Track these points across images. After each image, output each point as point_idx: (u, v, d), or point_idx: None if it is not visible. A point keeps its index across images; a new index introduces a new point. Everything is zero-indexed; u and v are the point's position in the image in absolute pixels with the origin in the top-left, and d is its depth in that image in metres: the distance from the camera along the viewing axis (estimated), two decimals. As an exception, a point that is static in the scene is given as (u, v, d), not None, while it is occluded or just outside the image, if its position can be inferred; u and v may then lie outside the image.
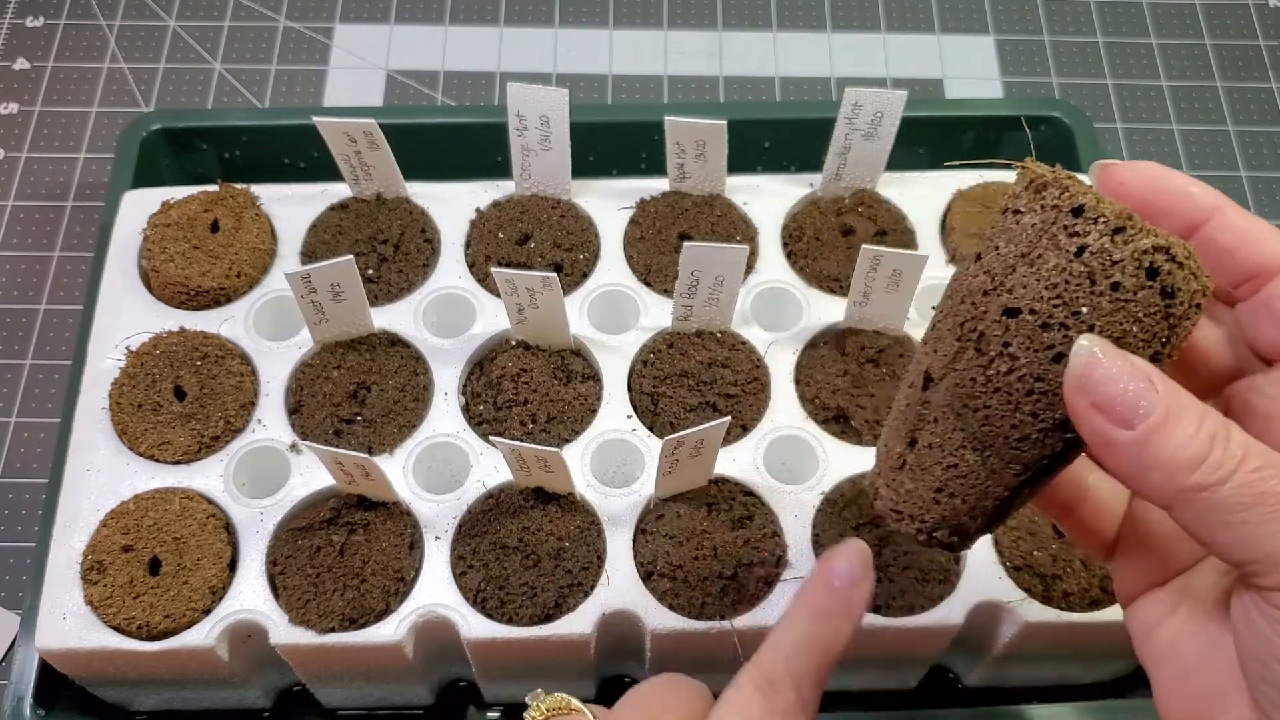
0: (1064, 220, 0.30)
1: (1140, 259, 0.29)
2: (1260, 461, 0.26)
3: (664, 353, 0.57)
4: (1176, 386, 0.28)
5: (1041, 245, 0.30)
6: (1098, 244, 0.29)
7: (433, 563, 0.52)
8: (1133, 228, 0.29)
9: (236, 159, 0.69)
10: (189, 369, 0.56)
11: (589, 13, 0.81)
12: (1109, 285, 0.29)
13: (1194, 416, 0.27)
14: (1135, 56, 0.80)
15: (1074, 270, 0.29)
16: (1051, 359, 0.30)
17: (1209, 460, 0.27)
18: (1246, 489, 0.26)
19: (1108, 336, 0.29)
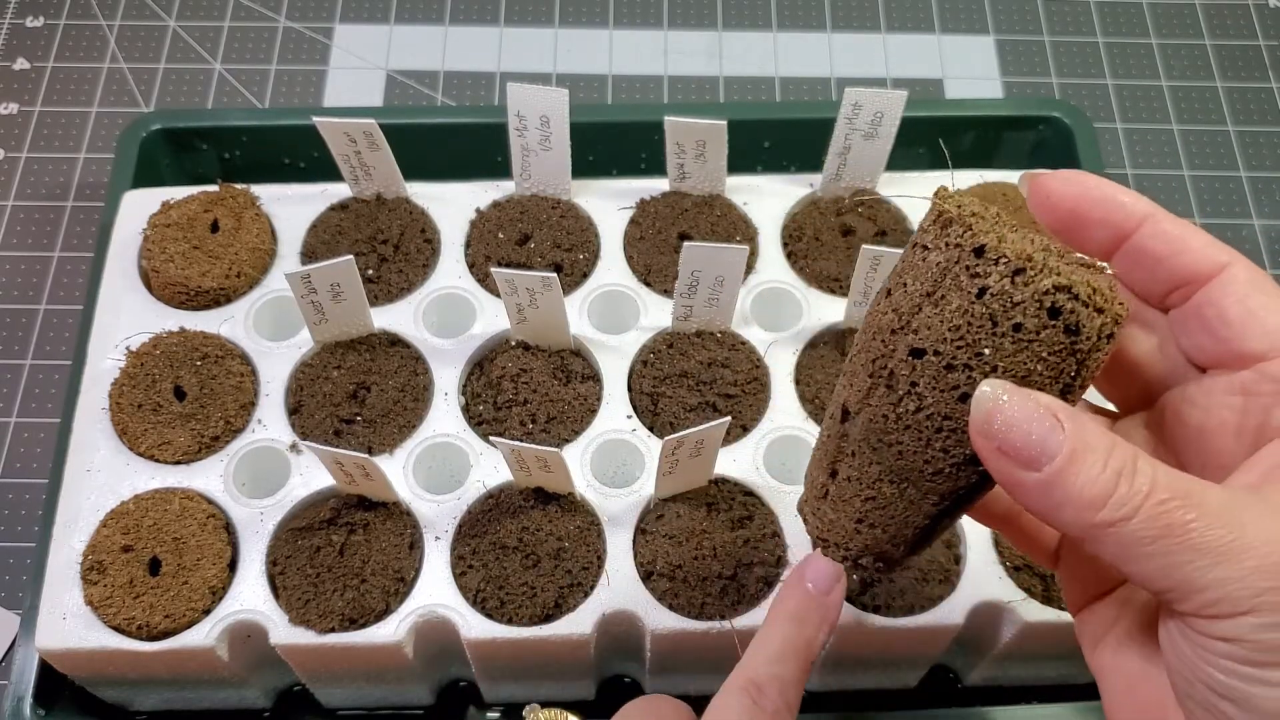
0: (966, 260, 0.30)
1: (1041, 300, 0.28)
2: (1167, 493, 0.27)
3: (664, 353, 0.57)
4: (1085, 421, 0.28)
5: (945, 285, 0.30)
6: (998, 286, 0.29)
7: (433, 563, 0.52)
8: (1032, 269, 0.28)
9: (236, 159, 0.69)
10: (189, 369, 0.56)
11: (589, 13, 0.81)
12: (1011, 327, 0.29)
13: (1100, 454, 0.27)
14: (1135, 56, 0.80)
15: (976, 312, 0.29)
16: (957, 399, 0.30)
17: (1115, 497, 0.27)
18: (1152, 522, 0.26)
19: (1012, 376, 0.29)
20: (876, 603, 0.51)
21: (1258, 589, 0.26)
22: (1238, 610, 0.26)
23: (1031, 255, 0.29)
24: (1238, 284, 0.31)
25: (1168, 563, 0.26)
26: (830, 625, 0.39)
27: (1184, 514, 0.26)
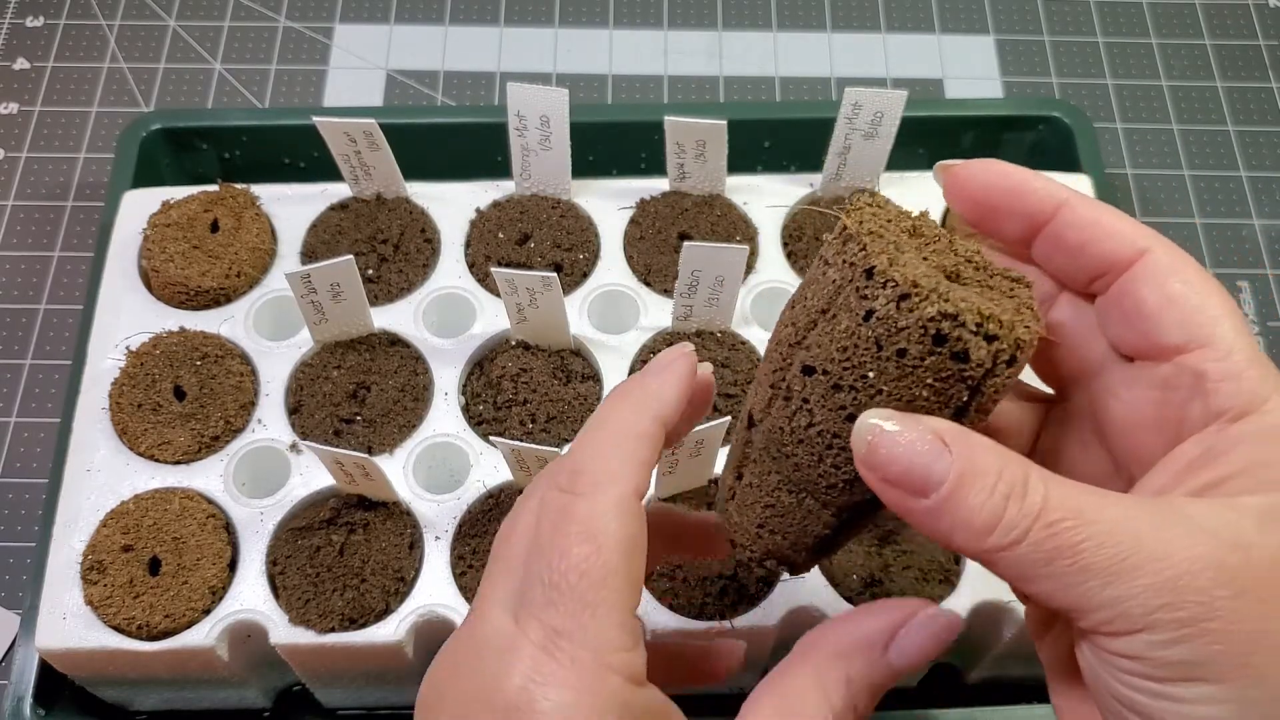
0: (858, 281, 0.29)
1: (925, 326, 0.28)
2: (1058, 513, 0.26)
3: (664, 353, 0.57)
4: (974, 443, 0.27)
5: (837, 304, 0.30)
6: (884, 310, 0.28)
7: (433, 563, 0.52)
8: (918, 295, 0.28)
9: (236, 159, 0.69)
10: (189, 369, 0.56)
11: (589, 13, 0.81)
12: (895, 352, 0.28)
13: (989, 478, 0.27)
14: (1135, 56, 0.80)
15: (863, 335, 0.29)
16: (844, 419, 0.30)
17: (1003, 521, 0.26)
18: (1042, 545, 0.26)
19: (897, 401, 0.29)
20: (876, 603, 0.51)
21: (1150, 606, 0.25)
22: (1134, 628, 0.26)
23: (918, 281, 0.28)
24: (1156, 270, 0.30)
25: (1062, 584, 0.26)
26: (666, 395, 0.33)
27: (1074, 534, 0.26)
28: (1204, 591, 0.25)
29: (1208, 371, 0.28)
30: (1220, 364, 0.28)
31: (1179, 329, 0.29)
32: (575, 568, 0.29)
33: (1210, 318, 0.29)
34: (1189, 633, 0.25)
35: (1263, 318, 0.70)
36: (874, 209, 0.31)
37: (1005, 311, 0.28)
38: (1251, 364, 0.28)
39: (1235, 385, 0.28)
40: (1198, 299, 0.29)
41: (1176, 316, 0.29)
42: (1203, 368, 0.29)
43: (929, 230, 0.31)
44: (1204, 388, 0.28)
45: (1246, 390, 0.28)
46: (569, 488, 0.30)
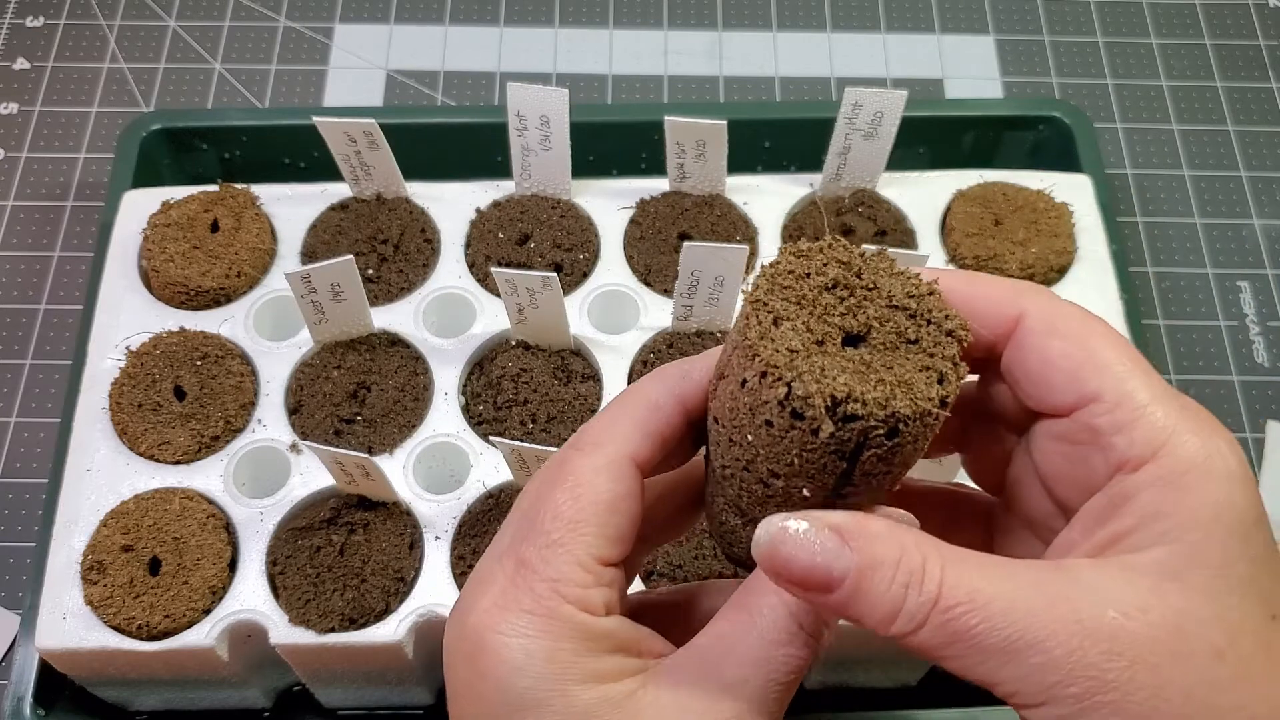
0: (740, 347, 0.29)
1: (781, 404, 0.28)
2: (953, 597, 0.27)
3: (664, 353, 0.57)
4: (872, 534, 0.28)
5: (732, 362, 0.30)
6: (752, 382, 0.29)
7: (433, 563, 0.52)
8: (774, 372, 0.28)
9: (236, 159, 0.69)
10: (189, 369, 0.56)
11: (589, 13, 0.81)
12: (764, 421, 0.29)
13: (887, 570, 0.27)
14: (1135, 56, 0.80)
15: (741, 400, 0.29)
16: (742, 468, 0.30)
17: (903, 612, 0.27)
18: (939, 631, 0.27)
19: (777, 465, 0.29)
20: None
21: (1046, 683, 0.26)
22: (1034, 702, 0.26)
23: (774, 361, 0.28)
24: (1033, 333, 0.30)
25: (967, 663, 0.27)
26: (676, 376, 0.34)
27: (969, 619, 0.26)
28: (1095, 666, 0.26)
29: (1099, 426, 0.28)
30: (1108, 417, 0.28)
31: (1066, 390, 0.29)
32: (550, 511, 0.31)
33: (1094, 370, 0.29)
34: (1085, 706, 0.26)
35: (1263, 318, 0.70)
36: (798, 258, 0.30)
37: (880, 385, 0.28)
38: (1142, 410, 0.28)
39: (1127, 436, 0.28)
40: (1080, 354, 0.29)
41: (1060, 377, 0.29)
42: (1094, 423, 0.28)
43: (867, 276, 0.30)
44: (1100, 442, 0.28)
45: (1140, 439, 0.28)
46: (574, 444, 0.32)
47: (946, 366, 0.29)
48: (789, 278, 0.30)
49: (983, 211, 0.61)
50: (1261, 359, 0.69)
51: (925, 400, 0.28)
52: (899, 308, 0.30)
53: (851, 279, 0.30)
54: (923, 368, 0.29)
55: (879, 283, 0.30)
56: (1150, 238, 0.73)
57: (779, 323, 0.29)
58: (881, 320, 0.30)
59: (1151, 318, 0.70)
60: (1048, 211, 0.61)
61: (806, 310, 0.29)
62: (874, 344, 0.29)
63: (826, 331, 0.29)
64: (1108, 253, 0.61)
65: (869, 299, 0.30)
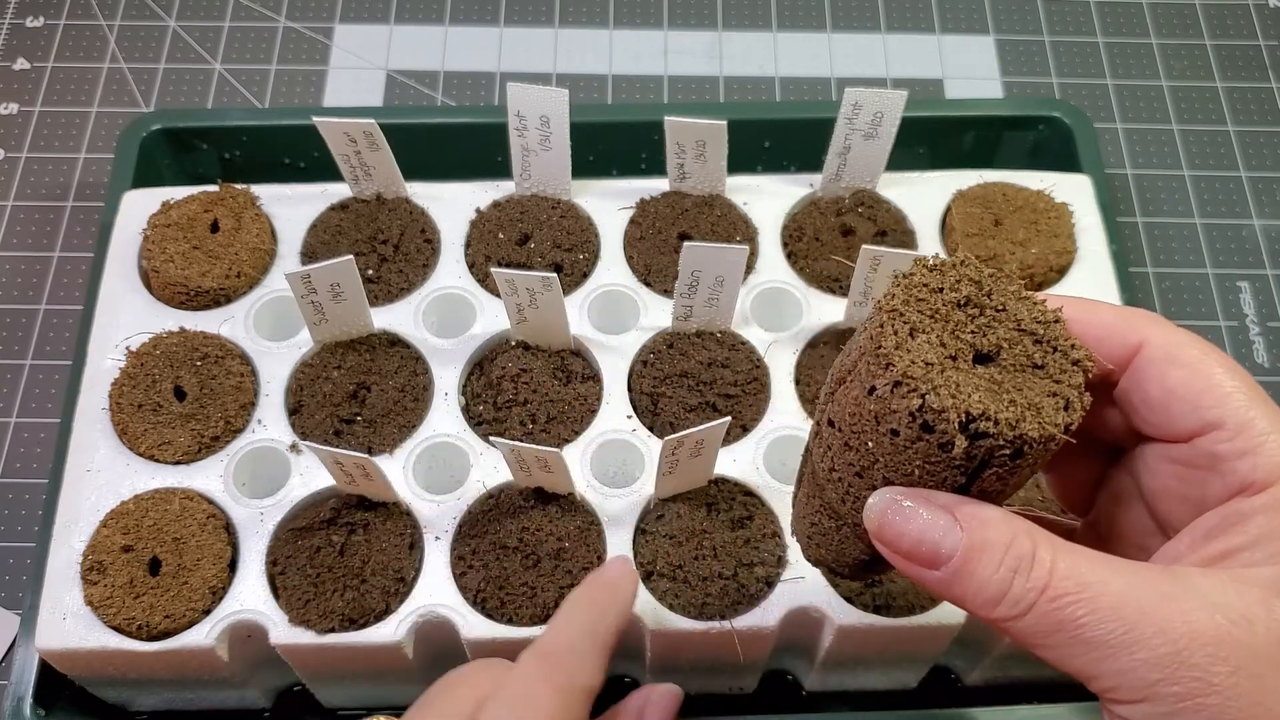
0: (870, 355, 0.30)
1: (913, 415, 0.28)
2: (1061, 587, 0.27)
3: (664, 353, 0.57)
4: (984, 517, 0.28)
5: (857, 369, 0.30)
6: (882, 390, 0.29)
7: (433, 563, 0.52)
8: (909, 383, 0.28)
9: (236, 159, 0.69)
10: (189, 369, 0.56)
11: (589, 13, 0.81)
12: (889, 430, 0.29)
13: (997, 552, 0.28)
14: (1135, 56, 0.80)
15: (866, 407, 0.30)
16: (854, 474, 0.31)
17: (1009, 595, 0.28)
18: (1044, 619, 0.27)
19: (894, 472, 0.30)
20: (877, 603, 0.51)
21: (1148, 680, 0.26)
22: (1134, 698, 0.27)
23: (911, 371, 0.28)
24: (1153, 363, 0.31)
25: (1066, 653, 0.27)
26: (622, 609, 0.42)
27: (1077, 609, 0.27)
28: (1200, 667, 0.26)
29: (1221, 453, 0.29)
30: (1230, 444, 0.29)
31: (1188, 417, 0.30)
32: None
33: (1216, 399, 0.29)
34: (1186, 706, 0.26)
35: (1263, 318, 0.70)
36: (932, 272, 0.31)
37: (1011, 406, 0.28)
38: (1265, 437, 0.29)
39: (1251, 461, 0.29)
40: (1200, 383, 0.30)
41: (1182, 407, 0.30)
42: (1216, 449, 0.29)
43: (996, 297, 0.31)
44: (1220, 468, 0.29)
45: (1264, 464, 0.29)
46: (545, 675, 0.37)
47: (1073, 394, 0.29)
48: (923, 290, 0.30)
49: (983, 212, 0.61)
50: (1261, 359, 0.69)
51: (1053, 425, 0.28)
52: (1027, 332, 0.30)
53: (982, 298, 0.31)
54: (1050, 393, 0.29)
55: (1008, 305, 0.31)
56: (1150, 238, 0.73)
57: (915, 334, 0.29)
58: (1011, 342, 0.30)
59: (1151, 318, 0.69)
60: (1048, 212, 0.61)
61: (940, 324, 0.30)
62: (1003, 364, 0.30)
63: (959, 348, 0.29)
64: (1108, 253, 0.61)
65: (998, 320, 0.30)
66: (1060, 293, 0.60)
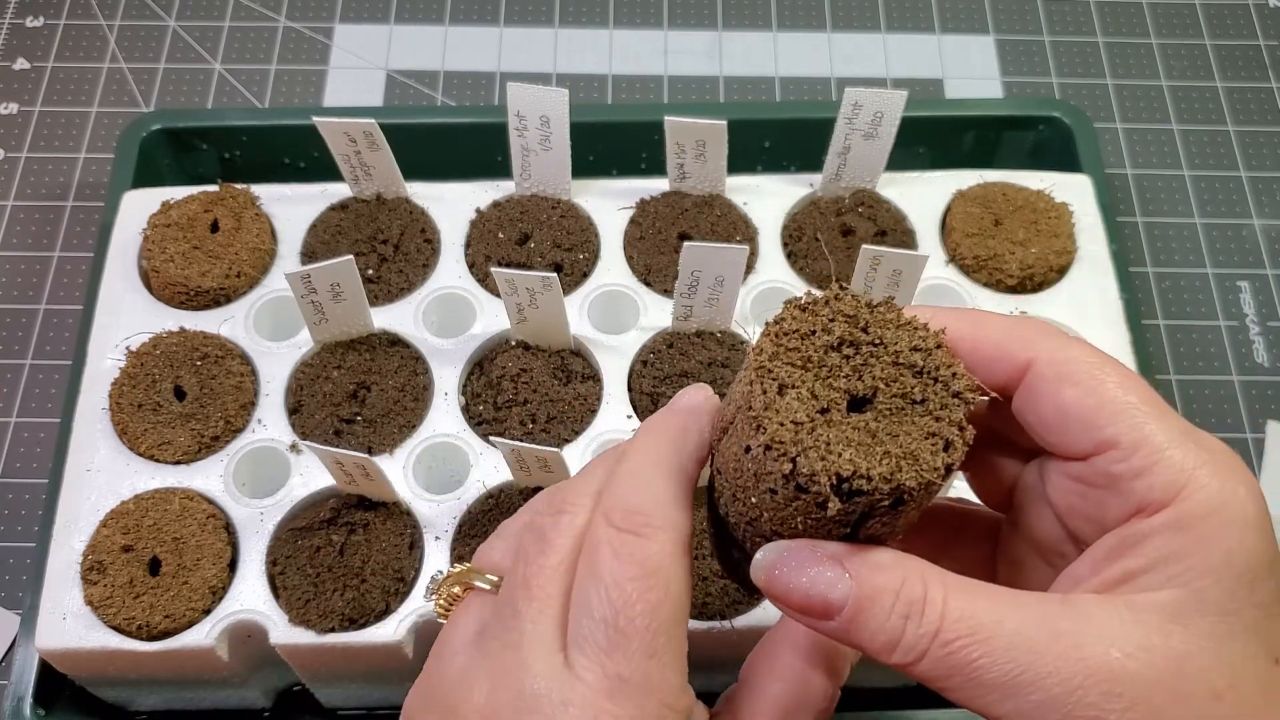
0: (744, 412, 0.29)
1: (786, 478, 0.28)
2: (954, 630, 0.27)
3: (664, 353, 0.57)
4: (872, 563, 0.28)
5: (737, 423, 0.30)
6: (756, 450, 0.28)
7: (433, 563, 0.52)
8: (778, 447, 0.27)
9: (236, 159, 0.69)
10: (189, 369, 0.56)
11: (589, 13, 0.81)
12: (767, 489, 0.28)
13: (887, 599, 0.27)
14: (1135, 56, 0.80)
15: (745, 463, 0.29)
16: (747, 522, 0.30)
17: (902, 643, 0.27)
18: (939, 664, 0.27)
19: (779, 525, 0.29)
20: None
21: None
22: None
23: (779, 436, 0.27)
24: (1044, 381, 0.29)
25: (967, 694, 0.27)
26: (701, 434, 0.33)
27: (969, 653, 0.26)
28: (1095, 706, 0.26)
29: (1116, 473, 0.28)
30: (1126, 464, 0.28)
31: (1082, 437, 0.29)
32: (643, 615, 0.29)
33: (1110, 417, 0.28)
34: None
35: (1263, 318, 0.70)
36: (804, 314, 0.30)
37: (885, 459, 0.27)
38: (1160, 454, 0.28)
39: (1146, 481, 0.28)
40: (1093, 400, 0.28)
41: (1075, 425, 0.29)
42: (1111, 469, 0.28)
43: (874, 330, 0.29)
44: (1117, 487, 0.28)
45: (1159, 484, 0.27)
46: (629, 527, 0.30)
47: (953, 433, 0.28)
48: (794, 338, 0.29)
49: (983, 212, 0.61)
50: (1261, 359, 0.69)
51: (930, 471, 0.28)
52: (906, 365, 0.29)
53: (857, 334, 0.29)
54: (928, 434, 0.28)
55: (885, 336, 0.29)
56: (1150, 238, 0.73)
57: (784, 391, 0.28)
58: (888, 380, 0.29)
59: (1151, 318, 0.70)
60: (1048, 212, 0.61)
61: (812, 374, 0.29)
62: (879, 408, 0.29)
63: (832, 398, 0.29)
64: (1108, 253, 0.61)
65: (875, 355, 0.29)
66: (1059, 292, 0.60)
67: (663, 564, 0.29)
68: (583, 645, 0.29)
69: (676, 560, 0.30)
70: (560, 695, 0.29)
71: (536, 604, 0.31)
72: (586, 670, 0.29)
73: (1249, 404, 0.67)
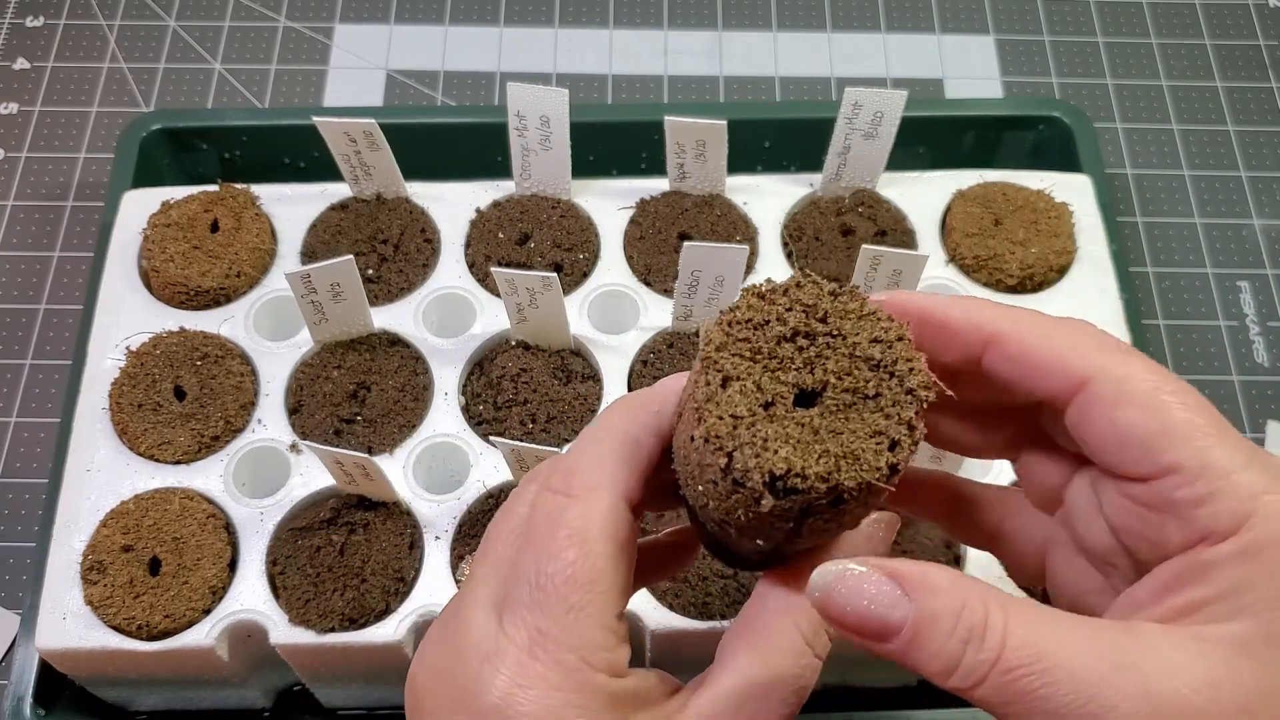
0: (689, 401, 0.29)
1: (723, 471, 0.27)
2: (1015, 658, 0.26)
3: (664, 353, 0.57)
4: (932, 584, 0.27)
5: (685, 411, 0.29)
6: (698, 440, 0.28)
7: (433, 563, 0.52)
8: (714, 442, 0.27)
9: (236, 159, 0.69)
10: (189, 369, 0.56)
11: (589, 13, 0.81)
12: (709, 479, 0.28)
13: (947, 622, 0.26)
14: (1135, 56, 0.80)
15: (690, 452, 0.29)
16: (701, 507, 0.30)
17: (960, 669, 0.26)
18: (999, 691, 0.26)
19: (725, 518, 0.28)
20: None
21: None
22: None
23: (716, 430, 0.27)
24: (1101, 403, 0.28)
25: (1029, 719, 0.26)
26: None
27: (1031, 681, 0.25)
28: None
29: (1178, 500, 0.27)
30: (1189, 490, 0.27)
31: (1140, 461, 0.28)
32: (562, 571, 0.29)
33: (1171, 442, 0.27)
34: None
35: (1263, 318, 0.70)
36: (761, 300, 0.29)
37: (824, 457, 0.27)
38: (1226, 481, 0.26)
39: (1210, 509, 0.26)
40: (1155, 424, 0.27)
41: (1135, 450, 0.28)
42: (1174, 496, 0.27)
43: (834, 321, 0.29)
44: (1178, 514, 0.27)
45: (1225, 511, 0.26)
46: (562, 489, 0.30)
47: (901, 432, 0.27)
48: (746, 328, 0.29)
49: (983, 211, 0.61)
50: (1261, 359, 0.69)
51: (871, 471, 0.27)
52: (863, 358, 0.28)
53: (814, 325, 0.29)
54: (875, 432, 0.27)
55: (844, 328, 0.28)
56: (1150, 238, 0.73)
57: (727, 383, 0.28)
58: (841, 374, 0.28)
59: (1151, 318, 0.70)
60: (1048, 211, 0.61)
61: (760, 365, 0.28)
62: (828, 403, 0.28)
63: (778, 391, 0.28)
64: (1108, 253, 0.61)
65: (831, 347, 0.28)
66: (1059, 292, 0.60)
67: (587, 524, 0.29)
68: (512, 604, 0.30)
69: (604, 521, 0.30)
70: (488, 650, 0.29)
71: (485, 567, 0.31)
72: (514, 628, 0.29)
73: (1249, 404, 0.67)
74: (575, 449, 0.32)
